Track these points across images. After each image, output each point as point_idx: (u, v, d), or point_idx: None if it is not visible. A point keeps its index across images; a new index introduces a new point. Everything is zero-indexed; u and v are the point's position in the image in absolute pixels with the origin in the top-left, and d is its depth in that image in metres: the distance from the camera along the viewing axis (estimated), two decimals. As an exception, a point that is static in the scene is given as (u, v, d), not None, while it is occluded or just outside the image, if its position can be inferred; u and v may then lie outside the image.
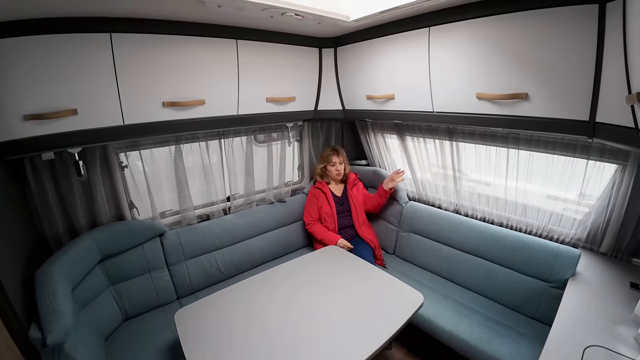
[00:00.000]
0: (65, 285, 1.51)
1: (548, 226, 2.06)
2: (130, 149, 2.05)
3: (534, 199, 2.13)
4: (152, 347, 1.75)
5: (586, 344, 1.23)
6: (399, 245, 2.67)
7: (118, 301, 1.93)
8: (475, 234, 2.22)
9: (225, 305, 1.71)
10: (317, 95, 2.49)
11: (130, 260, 1.99)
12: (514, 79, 1.51)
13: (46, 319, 1.32)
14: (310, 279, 1.92)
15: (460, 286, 2.26)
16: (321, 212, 2.61)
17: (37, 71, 1.38)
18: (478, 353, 1.73)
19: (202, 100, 1.87)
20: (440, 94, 1.83)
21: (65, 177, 1.82)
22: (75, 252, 1.70)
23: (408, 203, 2.68)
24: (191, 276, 2.22)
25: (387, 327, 1.51)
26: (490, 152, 2.18)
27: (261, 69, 2.08)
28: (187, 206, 2.30)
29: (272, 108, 2.23)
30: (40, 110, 1.40)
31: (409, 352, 2.30)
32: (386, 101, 2.15)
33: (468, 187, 2.43)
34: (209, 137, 2.33)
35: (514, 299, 1.99)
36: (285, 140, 2.73)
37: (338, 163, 2.64)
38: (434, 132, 2.39)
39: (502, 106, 1.59)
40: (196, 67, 1.81)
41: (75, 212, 1.88)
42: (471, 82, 1.67)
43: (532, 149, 1.98)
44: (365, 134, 2.93)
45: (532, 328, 1.84)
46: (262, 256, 2.56)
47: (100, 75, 1.53)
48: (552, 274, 1.84)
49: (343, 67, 2.37)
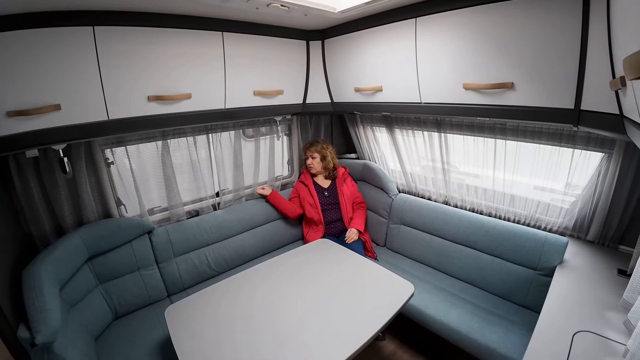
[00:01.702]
0: (52, 284, 1.48)
1: (536, 215, 2.09)
2: (116, 145, 2.02)
3: (521, 189, 2.15)
4: (143, 345, 1.74)
5: (575, 330, 1.25)
6: (390, 237, 2.69)
7: (107, 300, 1.90)
8: (464, 225, 2.24)
9: (215, 301, 1.71)
10: (305, 89, 2.47)
11: (118, 258, 1.96)
12: (500, 68, 1.53)
13: (34, 319, 1.30)
14: (301, 272, 1.92)
15: (450, 276, 2.28)
16: (304, 204, 2.61)
17: (19, 66, 1.34)
18: (469, 341, 1.75)
19: (188, 94, 1.84)
20: (428, 84, 1.84)
21: (50, 174, 1.78)
22: (61, 251, 1.67)
23: (398, 195, 2.69)
24: (181, 273, 2.20)
25: (378, 318, 1.52)
26: (478, 143, 2.20)
27: (248, 62, 2.06)
28: (175, 202, 2.27)
29: (260, 102, 2.21)
30: (23, 107, 1.37)
31: (402, 343, 2.32)
32: (374, 93, 2.15)
33: (457, 178, 2.45)
34: (197, 132, 2.30)
35: (504, 288, 2.02)
36: (274, 135, 2.72)
37: (311, 157, 2.65)
38: (422, 124, 2.40)
39: (488, 96, 1.61)
40: (182, 60, 1.79)
41: (61, 211, 1.84)
42: (458, 72, 1.68)
43: (518, 139, 2.00)
44: (355, 127, 2.93)
45: (521, 315, 1.87)
46: (252, 252, 2.55)
47: (83, 69, 1.50)
48: (540, 262, 1.86)
49: (331, 60, 2.37)
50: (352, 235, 2.47)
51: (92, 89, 1.54)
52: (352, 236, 2.46)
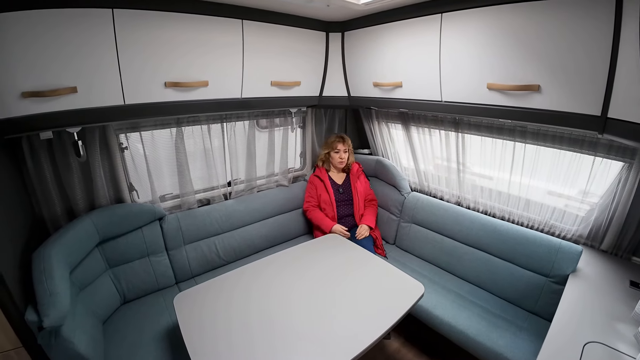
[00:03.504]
0: (62, 267, 1.48)
1: (550, 222, 2.05)
2: (130, 130, 2.01)
3: (537, 194, 2.11)
4: (151, 331, 1.74)
5: (586, 340, 1.24)
6: (400, 235, 2.66)
7: (116, 285, 1.91)
8: (476, 227, 2.20)
9: (224, 291, 1.70)
10: (323, 81, 2.43)
11: (129, 243, 1.97)
12: (527, 69, 1.48)
13: (43, 302, 1.30)
14: (310, 267, 1.91)
15: (460, 278, 2.26)
16: (320, 200, 2.59)
17: (37, 46, 1.32)
18: (476, 345, 1.74)
19: (206, 81, 1.82)
20: (450, 83, 1.79)
21: (63, 157, 1.78)
22: (73, 234, 1.67)
23: (410, 194, 2.66)
24: (190, 261, 2.21)
25: (387, 317, 1.51)
26: (497, 145, 2.15)
27: (266, 51, 2.03)
28: (187, 190, 2.27)
29: (276, 92, 2.18)
30: (38, 88, 1.35)
31: (406, 341, 2.32)
32: (393, 89, 2.10)
33: (471, 179, 2.40)
34: (211, 121, 2.28)
35: (513, 293, 1.99)
36: (288, 126, 2.69)
37: (342, 151, 2.60)
38: (439, 122, 2.36)
39: (512, 97, 1.56)
40: (200, 46, 1.76)
41: (74, 194, 1.84)
42: (482, 71, 1.63)
43: (538, 143, 1.95)
44: (370, 123, 2.89)
45: (530, 322, 1.85)
46: (261, 243, 2.55)
47: (101, 52, 1.47)
48: (553, 269, 1.83)
49: (350, 53, 2.32)
50: (362, 232, 2.45)
51: (109, 72, 1.52)
52: (363, 232, 2.44)
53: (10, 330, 1.35)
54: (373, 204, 2.69)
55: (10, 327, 1.35)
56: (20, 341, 1.39)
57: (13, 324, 1.35)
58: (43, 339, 1.28)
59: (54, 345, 1.31)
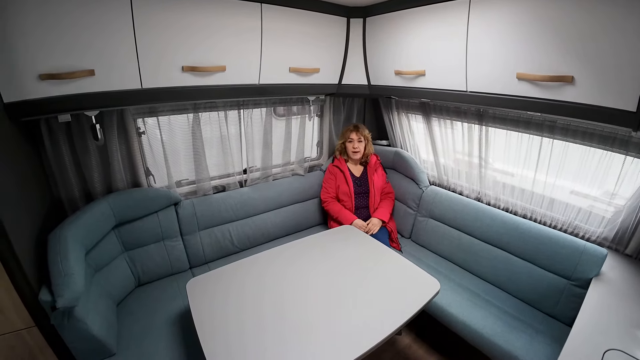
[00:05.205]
0: (78, 249, 1.50)
1: (574, 222, 1.96)
2: (148, 115, 2.01)
3: (562, 193, 2.01)
4: (163, 314, 1.77)
5: (606, 347, 1.20)
6: (416, 229, 2.61)
7: (131, 267, 1.94)
8: (497, 224, 2.13)
9: (237, 278, 1.70)
10: (342, 68, 2.37)
11: (144, 227, 1.99)
12: (560, 59, 1.38)
13: (57, 283, 1.31)
14: (324, 258, 1.89)
15: (476, 276, 2.19)
16: (338, 191, 2.55)
17: (55, 28, 1.32)
18: (491, 345, 1.69)
19: (223, 66, 1.79)
20: (476, 72, 1.70)
21: (81, 140, 1.79)
22: (89, 216, 1.69)
23: (429, 187, 2.59)
24: (204, 247, 2.23)
25: (401, 313, 1.48)
26: (523, 139, 2.05)
27: (285, 37, 1.98)
28: (203, 176, 2.27)
29: (295, 79, 2.14)
30: (56, 70, 1.35)
31: (417, 337, 2.29)
32: (416, 78, 2.03)
33: (493, 175, 2.31)
34: (228, 107, 2.27)
35: (532, 294, 1.93)
36: (305, 115, 2.65)
37: (356, 140, 2.54)
38: (462, 114, 2.26)
39: (543, 89, 1.47)
40: (218, 30, 1.73)
41: (91, 177, 1.86)
42: (512, 60, 1.54)
43: (567, 139, 1.84)
44: (389, 113, 2.81)
45: (547, 325, 1.79)
46: (275, 231, 2.55)
47: (118, 35, 1.46)
48: (576, 272, 1.75)
49: (371, 39, 2.24)
50: (372, 227, 2.39)
51: (126, 55, 1.51)
52: (372, 228, 2.39)
53: (24, 310, 1.37)
54: (390, 197, 2.63)
55: (24, 307, 1.37)
56: (34, 321, 1.41)
57: (27, 304, 1.37)
58: (56, 319, 1.30)
59: (67, 326, 1.33)
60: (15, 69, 1.29)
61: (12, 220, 1.30)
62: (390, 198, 2.64)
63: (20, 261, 1.31)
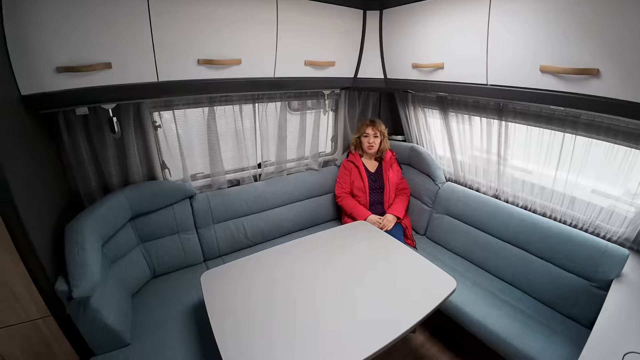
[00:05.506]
0: (94, 240, 1.52)
1: (595, 222, 1.89)
2: (163, 109, 2.02)
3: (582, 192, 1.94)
4: (178, 305, 1.79)
5: (626, 350, 1.16)
6: (431, 226, 2.57)
7: (147, 259, 1.97)
8: (515, 222, 2.07)
9: (251, 272, 1.71)
10: (358, 62, 2.33)
11: (160, 220, 2.01)
12: (585, 51, 1.32)
13: (73, 273, 1.33)
14: (338, 253, 1.87)
15: (492, 275, 2.15)
16: (353, 187, 2.53)
17: (71, 21, 1.33)
18: (506, 346, 1.66)
19: (238, 59, 1.78)
20: (498, 64, 1.64)
21: (99, 133, 1.81)
22: (106, 208, 1.72)
23: (445, 184, 2.54)
24: (218, 240, 2.24)
25: (415, 311, 1.45)
26: (544, 135, 1.98)
27: (301, 29, 1.96)
28: (218, 170, 2.28)
29: (310, 72, 2.12)
30: (73, 63, 1.37)
31: (431, 336, 2.26)
32: (434, 71, 1.97)
33: (511, 172, 2.25)
34: (243, 101, 2.26)
35: (550, 295, 1.88)
36: (320, 110, 2.62)
37: (372, 135, 2.50)
38: (481, 109, 2.19)
39: (567, 82, 1.41)
40: (233, 23, 1.72)
41: (108, 169, 1.89)
42: (535, 52, 1.48)
43: (590, 135, 1.77)
44: (405, 108, 2.76)
45: (565, 326, 1.74)
46: (289, 226, 2.54)
47: (135, 27, 1.47)
48: (597, 273, 1.69)
49: (388, 32, 2.19)
50: (387, 224, 2.36)
51: (143, 48, 1.52)
52: (386, 224, 2.36)
53: (40, 300, 1.40)
54: (405, 193, 2.59)
55: (40, 297, 1.39)
56: (49, 310, 1.43)
57: (43, 294, 1.39)
58: (72, 309, 1.32)
59: (83, 316, 1.35)
60: (33, 61, 1.31)
61: (28, 210, 1.32)
62: (406, 194, 2.60)
63: (36, 251, 1.33)
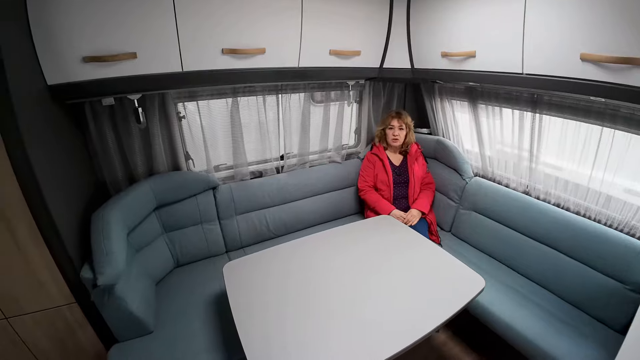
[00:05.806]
0: (120, 229, 1.55)
1: (631, 222, 1.77)
2: (188, 100, 2.02)
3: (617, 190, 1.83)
4: (200, 295, 1.80)
5: None
6: (457, 223, 2.49)
7: (171, 248, 1.99)
8: (546, 220, 1.98)
9: (273, 263, 1.71)
10: (384, 51, 2.26)
11: (184, 210, 2.03)
12: (630, 39, 1.22)
13: (99, 260, 1.35)
14: (362, 248, 1.84)
15: (520, 274, 2.07)
16: (376, 180, 2.48)
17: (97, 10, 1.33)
18: (533, 348, 1.59)
19: (263, 48, 1.75)
20: (535, 52, 1.54)
21: (124, 124, 1.83)
22: (132, 198, 1.74)
23: (473, 179, 2.45)
24: (241, 231, 2.25)
25: (441, 310, 1.40)
26: (580, 130, 1.87)
27: (326, 17, 1.90)
28: (241, 161, 2.28)
29: (335, 62, 2.06)
30: (99, 52, 1.37)
31: (454, 335, 2.21)
32: (464, 59, 1.88)
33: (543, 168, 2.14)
34: (267, 92, 2.24)
35: (580, 296, 1.79)
36: (343, 102, 2.57)
37: (397, 127, 2.43)
38: (513, 100, 2.08)
39: (609, 72, 1.31)
40: (257, 10, 1.68)
41: (134, 159, 1.91)
42: (575, 39, 1.38)
43: (630, 129, 1.65)
44: (431, 99, 2.66)
45: (594, 329, 1.66)
46: (311, 218, 2.53)
47: (160, 17, 1.46)
48: (632, 275, 1.60)
49: (416, 19, 2.10)
50: (411, 219, 2.30)
51: (167, 38, 1.51)
52: (410, 219, 2.29)
53: (65, 287, 1.43)
54: (430, 188, 2.53)
55: (65, 284, 1.43)
56: (74, 297, 1.47)
57: (68, 281, 1.43)
58: (97, 296, 1.34)
59: (107, 303, 1.37)
60: (59, 51, 1.32)
61: (55, 199, 1.34)
62: (431, 189, 2.53)
63: (62, 238, 1.35)
